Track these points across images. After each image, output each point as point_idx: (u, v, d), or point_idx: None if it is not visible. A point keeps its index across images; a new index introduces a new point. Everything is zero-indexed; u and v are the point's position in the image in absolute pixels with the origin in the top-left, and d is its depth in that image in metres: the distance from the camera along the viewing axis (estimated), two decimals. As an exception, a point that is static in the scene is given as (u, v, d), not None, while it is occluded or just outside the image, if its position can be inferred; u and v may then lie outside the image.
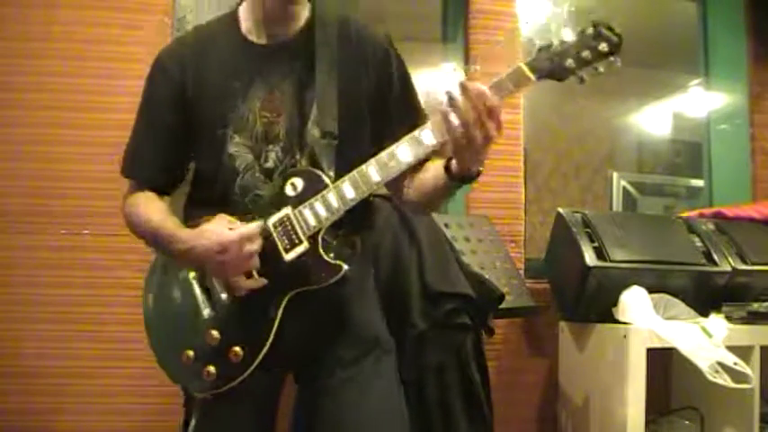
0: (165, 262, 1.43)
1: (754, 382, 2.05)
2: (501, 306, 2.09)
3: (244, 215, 1.34)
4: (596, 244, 2.17)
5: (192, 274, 1.38)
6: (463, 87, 1.19)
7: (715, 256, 2.29)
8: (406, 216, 1.99)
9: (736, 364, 1.97)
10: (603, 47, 1.22)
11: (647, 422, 2.04)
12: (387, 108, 1.44)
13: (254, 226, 1.29)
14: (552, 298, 2.43)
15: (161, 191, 1.48)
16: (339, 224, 1.33)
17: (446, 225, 2.23)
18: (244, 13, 1.44)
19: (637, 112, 4.20)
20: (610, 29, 1.23)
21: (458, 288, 1.95)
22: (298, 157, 1.37)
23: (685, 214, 2.57)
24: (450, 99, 1.20)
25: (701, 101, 3.26)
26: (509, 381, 2.49)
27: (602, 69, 1.24)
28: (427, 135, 1.27)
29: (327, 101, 1.37)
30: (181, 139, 1.43)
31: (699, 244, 2.32)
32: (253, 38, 1.42)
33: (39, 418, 2.20)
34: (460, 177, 1.28)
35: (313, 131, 1.36)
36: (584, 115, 3.99)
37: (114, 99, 2.27)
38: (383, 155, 1.28)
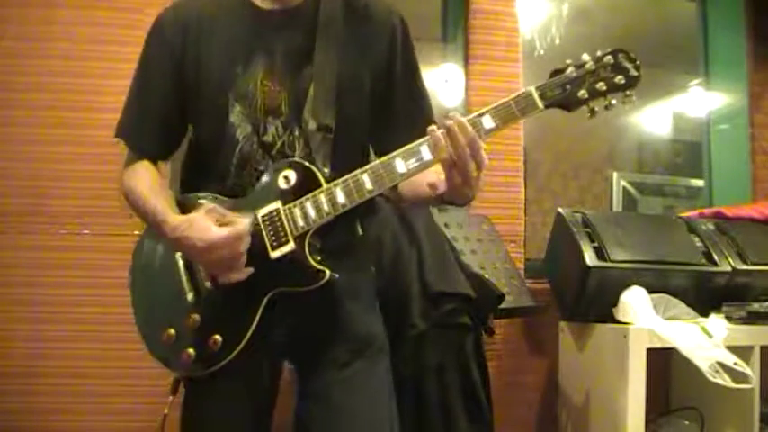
0: (156, 234, 1.39)
1: (754, 382, 2.04)
2: (501, 306, 2.08)
3: (237, 194, 1.33)
4: (596, 244, 2.16)
5: (178, 254, 1.36)
6: (449, 123, 1.16)
7: (715, 256, 2.29)
8: (406, 216, 1.99)
9: (735, 364, 1.96)
10: (620, 80, 1.16)
11: (647, 422, 2.04)
12: (388, 97, 1.40)
13: (243, 226, 1.23)
14: (552, 298, 2.43)
15: (155, 158, 1.45)
16: (338, 222, 1.31)
17: (446, 225, 2.23)
18: None
19: (637, 112, 4.19)
20: (630, 59, 1.17)
21: (458, 288, 1.95)
22: (297, 134, 1.34)
23: (685, 214, 2.57)
24: (442, 127, 1.16)
25: (701, 101, 3.26)
26: (509, 381, 2.48)
27: (614, 102, 1.18)
28: (425, 150, 1.23)
29: (325, 89, 1.32)
30: (177, 107, 1.39)
31: (699, 244, 2.32)
32: (258, 2, 1.37)
33: (38, 417, 2.20)
34: (446, 201, 1.25)
35: (309, 121, 1.32)
36: (584, 115, 3.99)
37: (114, 99, 2.20)
38: (379, 164, 1.25)
